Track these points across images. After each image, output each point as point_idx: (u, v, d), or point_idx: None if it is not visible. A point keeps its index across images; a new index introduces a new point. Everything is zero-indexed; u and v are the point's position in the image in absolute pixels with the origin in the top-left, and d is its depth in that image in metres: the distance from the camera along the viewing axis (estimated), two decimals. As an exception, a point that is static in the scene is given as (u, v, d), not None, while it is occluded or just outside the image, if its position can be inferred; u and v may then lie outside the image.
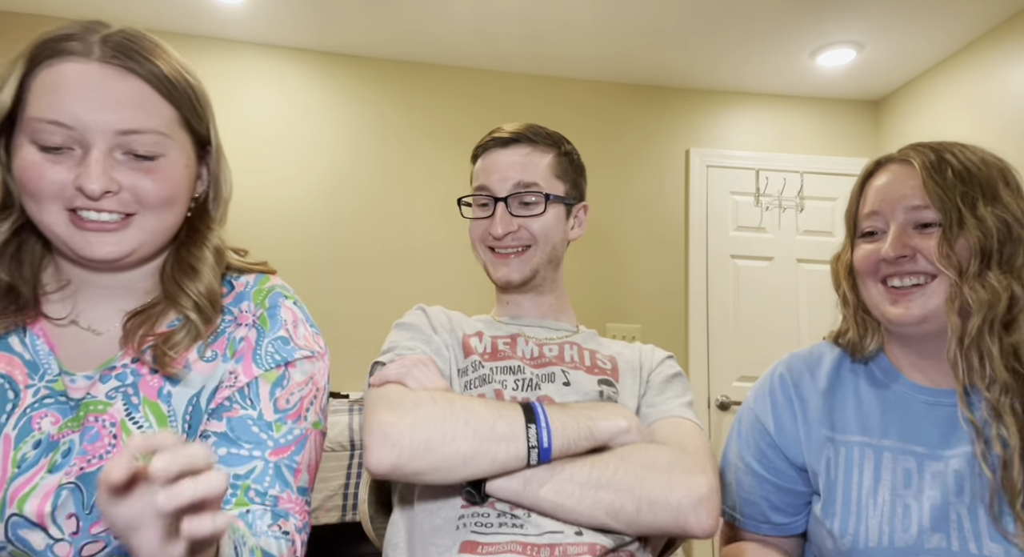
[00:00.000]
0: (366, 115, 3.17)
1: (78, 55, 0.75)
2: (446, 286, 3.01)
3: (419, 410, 0.87)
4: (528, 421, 0.87)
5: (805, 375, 1.06)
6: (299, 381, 0.86)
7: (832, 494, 0.98)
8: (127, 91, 0.75)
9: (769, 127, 3.48)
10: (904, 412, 0.99)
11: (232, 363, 0.84)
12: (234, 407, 0.82)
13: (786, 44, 3.02)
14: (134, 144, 0.76)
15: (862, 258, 1.01)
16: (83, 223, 0.76)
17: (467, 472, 0.85)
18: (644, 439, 0.94)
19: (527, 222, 1.12)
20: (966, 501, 0.90)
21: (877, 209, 0.99)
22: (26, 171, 0.74)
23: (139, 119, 0.75)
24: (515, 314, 1.19)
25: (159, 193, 0.78)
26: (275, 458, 0.81)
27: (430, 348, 1.04)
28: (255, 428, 0.81)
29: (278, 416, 0.83)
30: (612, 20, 2.85)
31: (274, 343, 0.86)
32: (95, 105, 0.73)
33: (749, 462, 1.07)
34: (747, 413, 1.11)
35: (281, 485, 0.80)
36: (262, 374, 0.84)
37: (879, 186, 1.01)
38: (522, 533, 0.88)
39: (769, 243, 3.37)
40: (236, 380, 0.83)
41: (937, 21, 2.79)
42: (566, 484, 0.87)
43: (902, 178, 0.99)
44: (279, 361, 0.85)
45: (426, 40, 3.04)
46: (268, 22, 2.92)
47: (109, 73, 0.75)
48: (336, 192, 3.09)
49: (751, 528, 1.08)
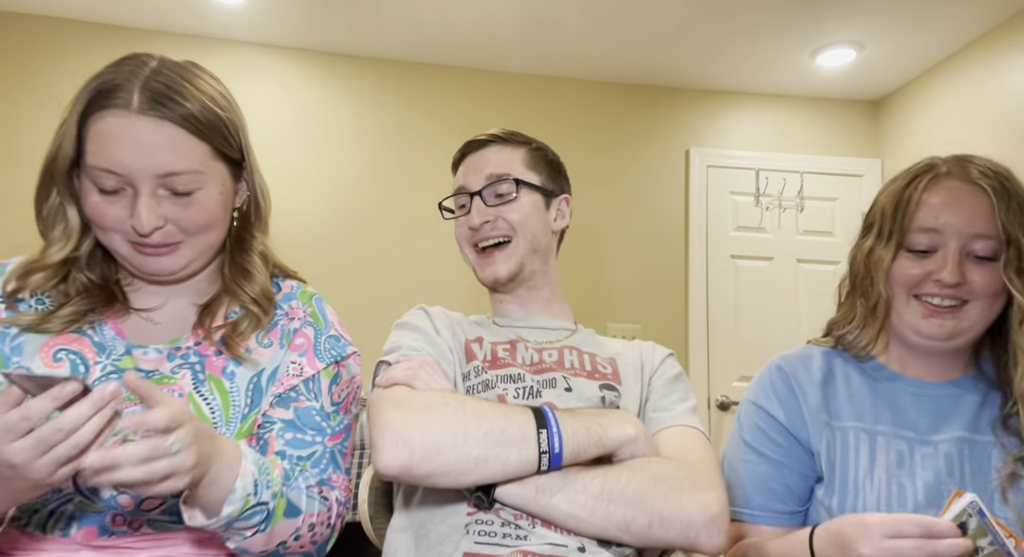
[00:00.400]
0: (366, 115, 3.17)
1: (121, 108, 0.86)
2: (446, 287, 3.01)
3: (430, 411, 0.86)
4: (539, 426, 0.87)
5: (800, 368, 1.12)
6: (347, 379, 1.03)
7: (832, 474, 1.03)
8: (164, 138, 0.87)
9: (769, 127, 3.48)
10: (893, 402, 1.06)
11: (295, 355, 0.99)
12: (300, 398, 0.97)
13: (786, 44, 3.02)
14: (174, 184, 0.89)
15: (907, 272, 1.02)
16: (142, 248, 0.92)
17: (478, 475, 0.85)
18: (651, 448, 0.94)
19: (503, 211, 1.13)
20: (956, 481, 0.98)
21: (937, 228, 1.00)
22: (92, 209, 0.90)
23: (175, 162, 0.88)
24: (510, 314, 1.18)
25: (198, 222, 0.92)
26: (332, 444, 0.98)
27: (434, 349, 1.04)
28: (317, 417, 0.97)
29: (334, 408, 1.00)
30: (612, 20, 2.85)
31: (329, 340, 1.02)
32: (138, 154, 0.86)
33: (763, 452, 1.09)
34: (750, 409, 1.13)
35: (333, 467, 0.97)
36: (323, 369, 0.99)
37: (941, 204, 1.01)
38: (525, 544, 0.87)
39: (769, 243, 3.37)
40: (302, 371, 0.98)
41: (937, 21, 2.79)
42: (579, 495, 0.87)
43: (968, 202, 1.00)
44: (335, 357, 1.01)
45: (426, 40, 3.04)
46: (268, 22, 2.92)
47: (147, 123, 0.87)
48: (336, 192, 3.09)
49: (767, 521, 1.08)
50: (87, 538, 0.87)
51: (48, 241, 0.95)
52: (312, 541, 0.92)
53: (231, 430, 0.92)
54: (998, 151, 1.03)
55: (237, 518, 0.80)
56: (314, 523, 0.91)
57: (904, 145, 3.30)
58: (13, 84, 2.80)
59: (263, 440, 0.95)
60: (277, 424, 0.95)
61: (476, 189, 1.15)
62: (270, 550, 0.88)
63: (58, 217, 0.95)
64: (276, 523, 0.85)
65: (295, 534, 0.89)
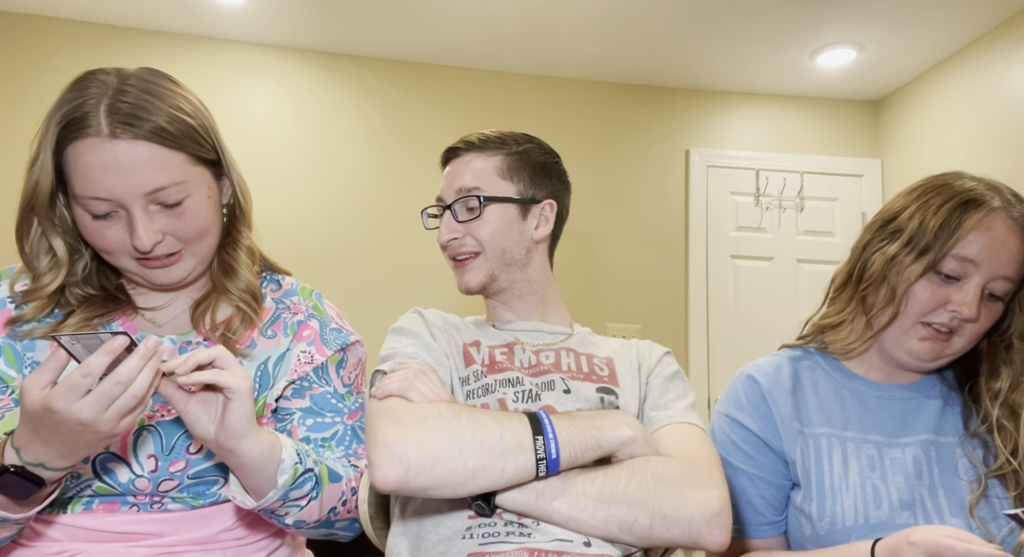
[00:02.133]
0: (366, 115, 3.17)
1: (93, 136, 0.87)
2: (445, 288, 3.00)
3: (424, 424, 0.86)
4: (535, 433, 0.86)
5: (770, 376, 1.12)
6: (353, 363, 1.09)
7: (808, 481, 1.04)
8: (141, 156, 0.89)
9: (769, 127, 3.48)
10: (860, 406, 1.08)
11: (303, 345, 1.04)
12: (313, 386, 1.03)
13: (786, 44, 3.02)
14: (162, 198, 0.91)
15: (926, 297, 1.02)
16: (148, 263, 0.95)
17: (475, 486, 0.84)
18: (650, 448, 0.93)
19: (472, 227, 1.12)
20: (926, 483, 1.00)
21: (977, 261, 1.00)
22: (91, 235, 0.93)
23: (158, 177, 0.89)
24: (502, 317, 1.18)
25: (194, 229, 0.95)
26: (351, 421, 1.05)
27: (430, 356, 1.03)
28: (333, 400, 1.04)
29: (346, 389, 1.07)
30: (612, 20, 2.85)
31: (332, 332, 1.07)
32: (121, 178, 0.88)
33: (739, 467, 1.09)
34: (724, 422, 1.13)
35: (357, 442, 1.05)
36: (330, 356, 1.05)
37: (988, 240, 1.00)
38: (530, 541, 0.87)
39: (769, 243, 3.37)
40: (312, 358, 1.04)
41: (937, 21, 2.79)
42: (579, 498, 0.86)
43: (1011, 244, 1.00)
44: (341, 344, 1.07)
45: (426, 40, 3.04)
46: (268, 22, 2.92)
47: (122, 146, 0.88)
48: (335, 192, 3.09)
49: (753, 534, 1.09)
50: (109, 511, 0.92)
51: (36, 273, 0.96)
52: (355, 505, 1.01)
53: None
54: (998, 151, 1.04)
55: (291, 486, 0.88)
56: (355, 488, 1.00)
57: (904, 145, 3.30)
58: (13, 84, 2.80)
59: (286, 432, 1.00)
60: (296, 414, 1.02)
61: (448, 202, 1.15)
62: (323, 519, 0.96)
63: (42, 249, 0.96)
64: (325, 488, 0.93)
65: (342, 498, 0.97)
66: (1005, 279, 1.00)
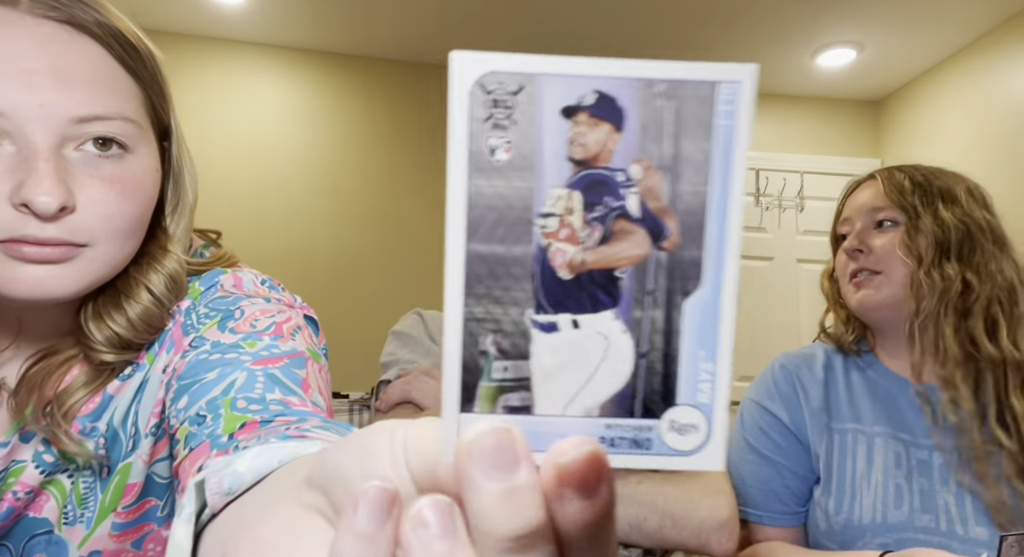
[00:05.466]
0: (366, 115, 3.16)
1: (6, 6, 0.52)
2: (446, 286, 3.00)
3: None
4: None
5: (803, 367, 1.13)
6: (262, 309, 0.61)
7: (829, 476, 1.05)
8: (79, 59, 0.53)
9: (769, 127, 3.48)
10: (891, 404, 1.08)
11: (164, 354, 0.63)
12: (183, 362, 0.58)
13: (786, 44, 3.02)
14: (98, 132, 0.53)
15: (838, 262, 1.13)
16: (20, 245, 0.51)
17: None
18: None
19: None
20: (952, 490, 0.99)
21: (847, 215, 1.12)
22: None
23: (100, 100, 0.53)
24: None
25: (127, 212, 0.55)
26: (260, 367, 0.54)
27: (429, 360, 1.05)
28: (215, 355, 0.56)
29: (242, 336, 0.58)
30: (612, 20, 2.85)
31: (209, 304, 0.62)
32: (36, 80, 0.50)
33: (765, 454, 1.10)
34: (753, 408, 1.14)
35: (283, 390, 0.52)
36: (201, 331, 0.60)
37: (850, 199, 1.14)
38: None
39: (769, 243, 3.37)
40: (173, 364, 0.61)
41: (937, 21, 2.79)
42: None
43: (868, 189, 1.12)
44: (226, 307, 0.62)
45: (426, 40, 3.04)
46: (268, 22, 2.92)
47: (50, 32, 0.52)
48: (336, 193, 3.08)
49: (771, 522, 1.08)
50: None
51: None
52: None
53: None
54: (997, 151, 1.05)
55: None
56: None
57: (904, 145, 3.30)
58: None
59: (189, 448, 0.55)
60: (181, 414, 0.57)
61: None
62: None
63: None
64: None
65: None
66: (878, 209, 1.06)
